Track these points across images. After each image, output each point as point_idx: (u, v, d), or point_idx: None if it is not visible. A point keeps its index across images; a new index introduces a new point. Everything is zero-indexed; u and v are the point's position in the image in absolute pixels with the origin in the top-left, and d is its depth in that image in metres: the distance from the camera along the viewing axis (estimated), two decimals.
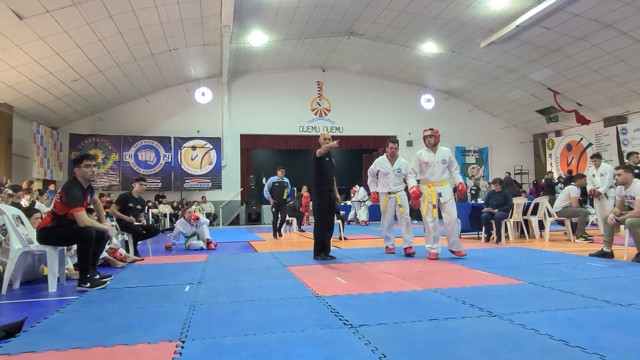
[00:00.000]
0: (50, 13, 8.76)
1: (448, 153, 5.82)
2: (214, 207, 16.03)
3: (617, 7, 10.23)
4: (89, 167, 4.25)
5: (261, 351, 2.23)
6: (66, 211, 4.05)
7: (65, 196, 4.04)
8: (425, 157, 5.79)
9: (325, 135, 5.94)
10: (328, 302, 3.21)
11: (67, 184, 4.20)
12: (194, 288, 3.93)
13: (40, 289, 4.15)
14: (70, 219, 4.06)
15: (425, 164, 5.77)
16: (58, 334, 2.61)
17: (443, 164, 5.71)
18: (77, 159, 4.29)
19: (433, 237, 5.58)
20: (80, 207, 4.04)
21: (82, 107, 14.50)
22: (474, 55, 14.40)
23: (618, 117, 15.19)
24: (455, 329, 2.53)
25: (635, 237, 4.95)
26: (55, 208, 4.15)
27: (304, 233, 10.97)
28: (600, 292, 3.38)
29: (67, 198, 4.02)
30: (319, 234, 5.77)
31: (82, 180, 4.24)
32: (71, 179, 4.28)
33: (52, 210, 4.22)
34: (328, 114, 17.77)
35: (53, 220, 4.09)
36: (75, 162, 4.27)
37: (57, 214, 4.09)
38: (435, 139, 5.79)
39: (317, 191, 5.81)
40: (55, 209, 4.14)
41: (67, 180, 4.34)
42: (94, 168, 4.32)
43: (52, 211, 4.17)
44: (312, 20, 12.81)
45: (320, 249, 5.75)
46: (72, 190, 4.06)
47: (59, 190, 4.27)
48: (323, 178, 5.73)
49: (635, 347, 2.15)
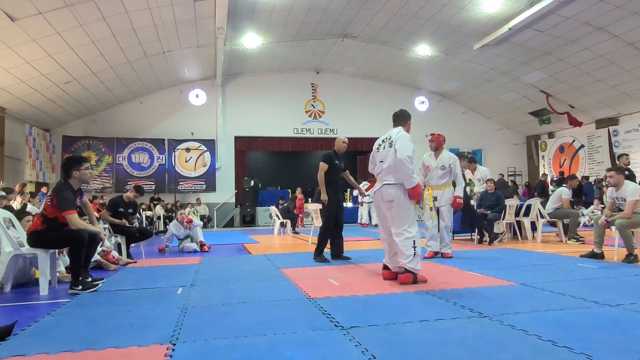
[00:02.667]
0: (42, 14, 8.72)
1: (449, 159, 5.75)
2: (208, 209, 15.99)
3: (608, 10, 10.33)
4: (88, 169, 4.25)
5: (251, 353, 2.23)
6: (57, 214, 4.01)
7: (56, 199, 4.00)
8: (427, 161, 5.88)
9: (342, 140, 5.98)
10: (320, 304, 3.22)
11: (58, 186, 4.13)
12: (186, 290, 3.93)
13: (31, 292, 4.13)
14: (61, 221, 4.02)
15: (427, 168, 5.85)
16: (48, 337, 2.61)
17: (442, 170, 5.72)
18: (76, 161, 4.21)
19: (430, 235, 5.77)
20: (72, 209, 4.02)
21: (75, 109, 14.43)
22: (468, 58, 14.48)
23: (610, 119, 15.32)
24: (446, 330, 2.55)
25: (625, 238, 5.01)
26: (45, 211, 4.09)
27: (298, 235, 10.97)
28: (590, 292, 3.41)
29: (59, 201, 3.98)
30: (324, 236, 5.76)
31: (77, 182, 4.20)
32: (62, 182, 4.20)
33: (42, 212, 4.16)
34: (322, 116, 17.79)
35: (43, 223, 4.05)
36: (73, 165, 4.17)
37: (48, 217, 4.05)
38: (436, 144, 5.83)
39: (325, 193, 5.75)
40: (45, 211, 4.09)
41: (58, 183, 4.27)
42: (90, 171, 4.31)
43: (42, 214, 4.12)
44: (306, 23, 12.84)
45: (321, 250, 5.74)
46: (64, 193, 4.02)
47: (49, 192, 4.21)
48: (330, 180, 5.72)
49: (622, 347, 2.18)
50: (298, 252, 7.00)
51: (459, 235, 8.82)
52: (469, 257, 5.74)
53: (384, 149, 4.17)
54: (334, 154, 5.86)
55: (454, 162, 5.75)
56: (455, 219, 8.02)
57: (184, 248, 7.58)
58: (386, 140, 4.18)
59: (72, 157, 4.52)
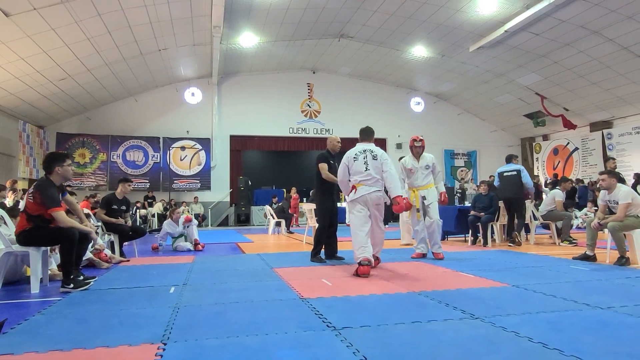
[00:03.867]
0: (37, 10, 8.66)
1: (432, 159, 6.03)
2: (203, 208, 15.96)
3: (604, 14, 10.40)
4: (71, 166, 4.19)
5: (242, 353, 2.22)
6: (42, 212, 3.92)
7: (41, 197, 3.90)
8: (409, 165, 6.02)
9: (336, 139, 5.97)
10: (312, 305, 3.22)
11: (41, 184, 4.01)
12: (179, 290, 3.91)
13: (22, 290, 4.10)
14: (46, 218, 3.94)
15: (410, 171, 6.00)
16: (38, 335, 2.59)
17: (426, 170, 5.95)
18: (58, 157, 4.14)
19: (420, 238, 5.91)
20: (58, 207, 3.95)
21: (69, 106, 14.35)
22: (463, 60, 14.53)
23: (604, 122, 15.43)
24: (437, 331, 2.55)
25: (617, 241, 5.04)
26: (28, 208, 3.97)
27: (293, 235, 10.96)
28: (582, 295, 3.43)
29: (44, 199, 3.89)
30: (319, 236, 5.76)
31: (59, 179, 4.11)
32: (45, 179, 4.07)
33: (24, 210, 4.02)
34: (318, 116, 17.80)
35: (29, 221, 3.96)
36: (56, 161, 4.09)
37: (32, 215, 3.94)
38: (422, 148, 6.03)
39: (320, 193, 5.77)
40: (28, 209, 3.97)
41: (40, 180, 4.14)
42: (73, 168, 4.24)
43: (26, 212, 3.99)
44: (303, 22, 12.83)
45: (318, 250, 5.75)
46: (48, 191, 3.93)
47: (31, 190, 4.06)
48: (325, 181, 5.68)
49: (612, 350, 2.19)
50: (292, 252, 6.99)
51: (453, 237, 8.85)
52: (462, 259, 5.76)
53: (365, 158, 4.78)
54: (328, 154, 5.85)
55: (435, 161, 6.11)
56: (449, 220, 8.05)
57: (177, 247, 7.55)
58: (366, 151, 4.83)
59: (54, 153, 4.42)
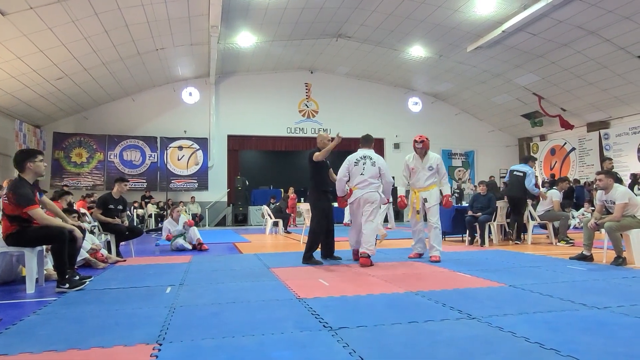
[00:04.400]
0: (34, 10, 8.62)
1: (437, 160, 5.77)
2: (200, 208, 15.93)
3: (601, 14, 10.41)
4: (42, 162, 4.12)
5: (238, 354, 2.21)
6: (18, 212, 3.88)
7: (14, 197, 3.86)
8: (411, 163, 5.84)
9: (326, 137, 5.77)
10: (309, 305, 3.21)
11: (14, 184, 3.98)
12: (175, 290, 3.90)
13: (18, 290, 4.08)
14: (25, 218, 3.91)
15: (412, 170, 5.83)
16: (33, 336, 2.57)
17: (430, 171, 5.72)
18: (29, 154, 4.10)
19: (418, 238, 5.86)
20: (34, 205, 3.91)
21: (66, 105, 14.30)
22: (461, 60, 14.53)
23: (601, 122, 15.45)
24: (434, 331, 2.55)
25: (614, 241, 5.04)
26: (5, 210, 3.94)
27: (290, 235, 10.95)
28: (578, 295, 3.43)
29: (18, 198, 3.85)
30: (314, 237, 5.57)
31: (32, 176, 4.05)
32: (17, 179, 4.03)
33: (3, 212, 3.99)
34: (316, 116, 17.78)
35: (12, 223, 3.92)
36: (27, 157, 4.03)
37: (11, 216, 3.91)
38: (425, 147, 5.77)
39: (316, 193, 5.63)
40: (5, 211, 3.94)
41: (13, 180, 4.10)
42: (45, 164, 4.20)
43: (4, 213, 3.96)
44: (301, 22, 12.82)
45: (311, 253, 5.50)
46: (21, 190, 3.88)
47: (4, 191, 4.03)
48: (321, 180, 5.63)
49: (608, 350, 2.19)
50: (289, 252, 6.98)
51: (450, 237, 8.86)
52: (459, 259, 5.76)
53: (364, 164, 5.31)
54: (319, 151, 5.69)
55: (440, 163, 5.82)
56: (447, 221, 8.05)
57: (175, 246, 7.54)
58: (366, 158, 5.35)
59: (25, 149, 4.38)
